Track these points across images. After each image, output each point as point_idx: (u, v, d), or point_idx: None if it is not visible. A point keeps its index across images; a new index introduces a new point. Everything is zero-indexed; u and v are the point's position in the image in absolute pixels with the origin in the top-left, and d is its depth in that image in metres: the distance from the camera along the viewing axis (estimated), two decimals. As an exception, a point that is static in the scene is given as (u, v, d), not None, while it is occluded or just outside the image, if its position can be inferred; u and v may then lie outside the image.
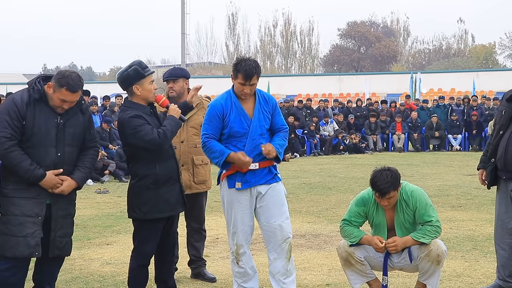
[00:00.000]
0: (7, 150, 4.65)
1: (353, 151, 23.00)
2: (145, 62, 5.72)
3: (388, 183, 5.01)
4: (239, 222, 5.22)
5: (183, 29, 45.25)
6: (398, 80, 40.57)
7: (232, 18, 67.24)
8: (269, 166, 5.24)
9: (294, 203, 11.11)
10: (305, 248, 7.63)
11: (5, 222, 4.71)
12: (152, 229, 5.17)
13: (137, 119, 5.01)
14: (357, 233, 5.25)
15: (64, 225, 4.90)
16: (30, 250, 4.71)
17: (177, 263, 6.21)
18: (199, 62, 67.00)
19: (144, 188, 5.08)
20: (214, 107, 5.22)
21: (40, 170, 4.71)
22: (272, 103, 5.32)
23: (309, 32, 68.05)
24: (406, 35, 72.45)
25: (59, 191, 4.81)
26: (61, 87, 4.72)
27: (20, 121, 4.69)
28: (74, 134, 4.90)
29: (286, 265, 5.27)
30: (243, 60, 5.13)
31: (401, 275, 6.13)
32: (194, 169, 6.02)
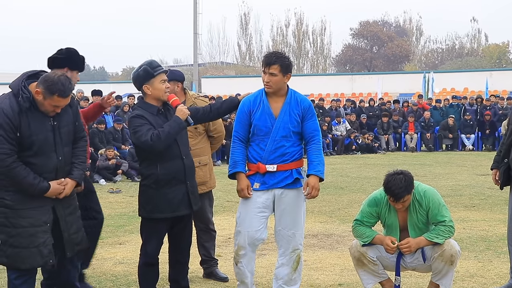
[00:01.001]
0: (9, 167, 4.49)
1: (365, 151, 22.95)
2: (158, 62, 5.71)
3: (402, 188, 4.98)
4: (247, 224, 5.18)
5: (195, 29, 45.31)
6: (411, 80, 40.41)
7: (244, 18, 67.30)
8: (292, 169, 5.17)
9: (306, 203, 11.08)
10: (317, 248, 7.62)
11: (14, 235, 4.59)
12: (155, 228, 5.18)
13: (138, 119, 5.01)
14: (370, 233, 5.24)
15: (74, 221, 4.85)
16: (44, 260, 4.66)
17: (189, 262, 6.21)
18: (211, 62, 67.02)
19: (147, 187, 5.11)
20: (243, 103, 5.26)
21: (44, 183, 4.60)
22: (304, 105, 5.21)
23: (321, 32, 67.99)
24: (419, 34, 72.23)
25: (63, 195, 4.74)
26: (53, 94, 4.52)
27: (14, 132, 4.49)
28: (68, 132, 4.79)
29: (291, 274, 5.24)
30: (269, 52, 5.21)
31: (414, 275, 6.10)
32: None
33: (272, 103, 5.18)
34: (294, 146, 5.19)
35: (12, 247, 4.59)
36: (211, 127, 6.10)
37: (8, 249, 4.60)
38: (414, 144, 23.62)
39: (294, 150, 5.18)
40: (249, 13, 67.77)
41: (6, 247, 4.61)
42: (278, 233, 5.26)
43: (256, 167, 5.18)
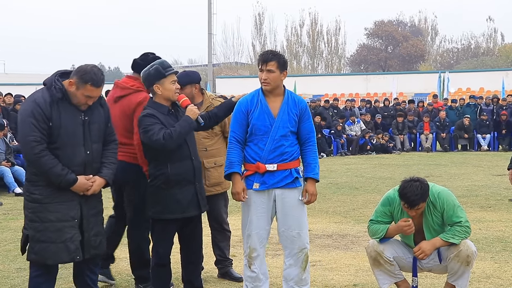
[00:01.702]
0: (38, 154, 4.53)
1: (380, 151, 22.88)
2: (171, 62, 5.73)
3: (418, 195, 4.95)
4: (254, 225, 5.16)
5: (209, 30, 45.37)
6: (426, 80, 40.24)
7: (258, 18, 67.28)
8: (290, 169, 5.16)
9: (321, 203, 11.07)
10: (332, 248, 7.60)
11: (42, 229, 4.62)
12: (164, 229, 5.18)
13: (149, 118, 5.01)
14: (383, 227, 5.22)
15: (96, 223, 4.84)
16: (71, 255, 4.68)
17: (203, 262, 6.22)
18: (226, 62, 67.12)
19: (156, 188, 5.10)
20: (240, 103, 5.22)
21: (72, 175, 4.61)
22: (302, 106, 5.21)
23: (336, 32, 67.85)
24: (434, 34, 71.89)
25: (91, 192, 4.74)
26: (85, 83, 4.59)
27: (46, 122, 4.55)
28: (98, 129, 4.81)
29: (300, 274, 5.20)
30: (265, 51, 5.20)
31: (430, 276, 6.07)
32: (205, 172, 5.95)
33: (270, 102, 5.16)
34: (292, 146, 5.16)
35: (40, 242, 4.62)
36: (227, 128, 6.09)
37: (36, 244, 4.63)
38: (429, 144, 23.51)
39: (292, 150, 5.16)
40: (263, 13, 67.81)
41: (34, 243, 4.64)
42: (282, 234, 5.21)
43: (255, 167, 5.13)
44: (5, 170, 12.93)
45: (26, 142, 4.58)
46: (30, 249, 4.68)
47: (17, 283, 6.13)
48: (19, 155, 13.94)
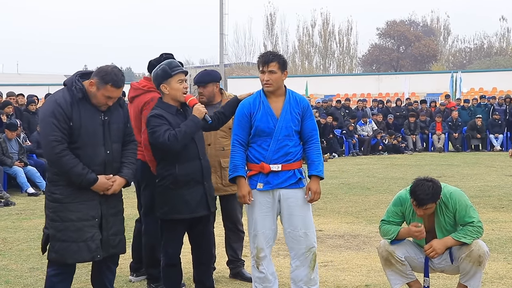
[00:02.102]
0: (59, 154, 4.55)
1: (392, 151, 22.82)
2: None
3: (428, 195, 4.95)
4: (260, 225, 5.14)
5: (221, 30, 45.41)
6: (438, 80, 40.10)
7: (270, 18, 67.26)
8: (294, 169, 5.14)
9: (333, 204, 11.06)
10: (344, 248, 7.59)
11: (62, 229, 4.64)
12: (173, 229, 5.19)
13: (156, 119, 5.02)
14: (394, 229, 5.21)
15: (115, 222, 4.85)
16: (92, 254, 4.69)
17: (215, 262, 6.23)
18: (237, 62, 67.15)
19: (164, 188, 5.10)
20: (242, 106, 5.20)
21: (92, 174, 4.63)
22: (304, 105, 5.20)
23: (348, 32, 67.69)
24: (447, 34, 71.62)
25: (111, 191, 4.75)
26: (106, 84, 4.62)
27: (67, 122, 4.58)
28: (118, 129, 4.83)
29: (309, 274, 5.17)
30: (265, 52, 5.16)
31: (442, 277, 6.05)
32: (222, 172, 5.97)
33: (272, 103, 5.14)
34: (295, 146, 5.15)
35: (60, 242, 4.64)
36: None
37: (56, 243, 4.66)
38: (441, 144, 23.43)
39: (296, 150, 5.15)
40: (275, 14, 67.78)
41: (54, 242, 4.67)
42: (288, 235, 5.19)
43: (259, 167, 5.11)
44: (18, 170, 13.00)
45: (47, 142, 4.61)
46: (51, 248, 4.70)
47: (30, 283, 6.17)
48: (32, 155, 14.02)
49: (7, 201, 11.63)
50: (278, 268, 6.26)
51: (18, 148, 13.47)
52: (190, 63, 70.40)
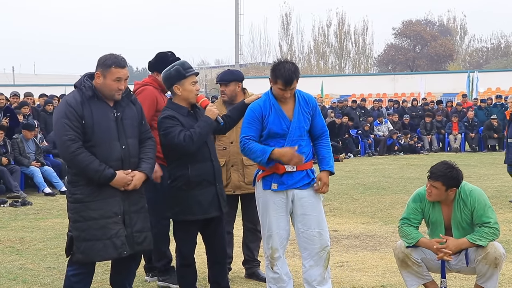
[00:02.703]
0: (73, 153, 4.57)
1: (408, 152, 22.73)
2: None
3: (440, 173, 4.98)
4: (274, 225, 5.13)
5: (237, 30, 45.49)
6: (455, 80, 39.92)
7: (285, 18, 67.21)
8: (307, 170, 5.14)
9: (348, 204, 11.04)
10: (359, 249, 7.57)
11: (86, 228, 4.64)
12: (186, 230, 5.19)
13: (169, 120, 5.01)
14: (415, 235, 5.15)
15: (139, 219, 4.82)
16: (118, 251, 4.69)
17: (231, 263, 6.23)
18: (253, 62, 67.17)
19: (177, 189, 5.10)
20: (252, 110, 5.15)
21: (110, 170, 4.64)
22: (312, 103, 5.20)
23: (363, 32, 67.52)
24: (463, 33, 71.22)
25: (132, 187, 4.74)
26: (110, 67, 4.67)
27: (79, 121, 4.61)
28: (132, 125, 4.84)
29: (323, 273, 5.16)
30: (281, 64, 5.03)
31: (459, 278, 6.02)
32: (244, 170, 6.00)
33: (283, 105, 5.12)
34: (307, 146, 5.16)
35: (86, 241, 4.65)
36: None
37: (82, 244, 4.66)
38: (458, 144, 23.31)
39: (308, 150, 5.15)
40: (290, 14, 67.73)
41: (79, 242, 4.67)
42: (301, 235, 5.17)
43: (273, 167, 5.09)
44: (35, 170, 13.08)
45: (61, 142, 4.64)
46: (76, 249, 4.69)
47: (47, 282, 6.20)
48: (48, 155, 14.11)
49: (24, 201, 11.71)
50: (294, 268, 6.26)
51: (35, 148, 13.55)
52: (205, 64, 70.53)
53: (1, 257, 7.32)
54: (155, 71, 5.97)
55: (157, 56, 6.01)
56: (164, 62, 5.78)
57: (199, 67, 65.91)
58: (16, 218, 10.21)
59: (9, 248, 7.81)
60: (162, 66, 5.70)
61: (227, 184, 5.96)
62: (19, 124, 13.86)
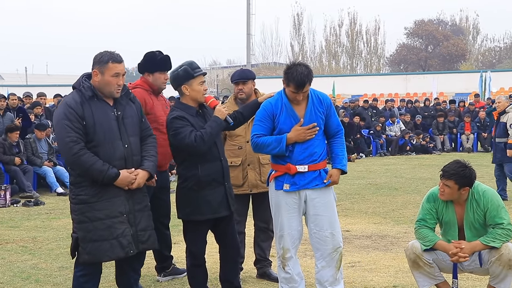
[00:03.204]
0: (76, 154, 4.56)
1: (420, 152, 22.65)
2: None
3: (453, 171, 4.98)
4: (286, 225, 5.13)
5: (248, 30, 45.49)
6: (467, 79, 39.71)
7: (297, 18, 67.08)
8: (320, 170, 5.12)
9: (360, 204, 11.02)
10: (371, 249, 7.55)
11: (92, 229, 4.64)
12: (196, 230, 5.20)
13: (179, 121, 5.01)
14: (432, 237, 5.12)
15: (143, 218, 4.84)
16: (125, 250, 4.70)
17: (243, 263, 6.23)
18: (264, 62, 67.12)
19: (187, 189, 5.10)
20: (264, 108, 5.15)
21: (113, 169, 4.64)
22: (327, 103, 5.17)
23: (375, 32, 67.29)
24: (476, 33, 70.83)
25: (135, 185, 4.75)
26: (106, 63, 4.66)
27: (80, 122, 4.60)
28: (132, 123, 4.84)
29: (335, 274, 5.15)
30: (294, 67, 5.01)
31: (471, 278, 6.00)
32: (260, 168, 6.01)
33: (294, 105, 5.10)
34: (321, 146, 5.14)
35: (92, 242, 4.64)
36: None
37: (88, 245, 4.66)
38: (470, 144, 23.21)
39: (321, 150, 5.13)
40: (302, 13, 67.54)
41: (85, 243, 4.67)
42: (314, 236, 5.16)
43: (285, 168, 5.09)
44: (47, 170, 13.14)
45: (63, 144, 4.63)
46: (82, 250, 4.69)
47: (59, 281, 6.23)
48: (61, 155, 14.16)
49: (37, 201, 11.77)
50: (306, 268, 6.26)
51: (47, 148, 13.62)
52: (217, 64, 70.58)
53: (14, 256, 7.36)
54: (145, 72, 5.92)
55: (146, 56, 5.95)
56: (153, 61, 5.84)
57: (211, 67, 65.99)
58: (29, 217, 10.27)
59: (22, 248, 7.85)
60: (151, 66, 5.82)
61: (244, 183, 5.97)
62: (31, 124, 13.93)
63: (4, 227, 9.43)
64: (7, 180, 12.60)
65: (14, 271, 6.65)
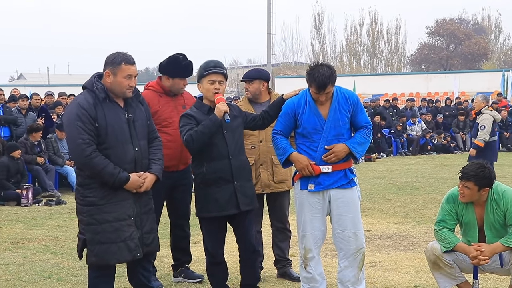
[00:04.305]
0: (89, 156, 4.54)
1: (441, 151, 22.51)
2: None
3: (472, 173, 4.93)
4: (309, 225, 5.12)
5: (269, 30, 45.42)
6: (489, 79, 39.39)
7: (318, 17, 66.96)
8: (345, 169, 5.09)
9: (381, 204, 10.98)
10: (392, 249, 7.52)
11: (100, 231, 4.64)
12: (208, 227, 5.24)
13: (185, 119, 5.13)
14: (452, 239, 5.08)
15: (148, 220, 4.84)
16: (132, 253, 4.70)
17: (263, 262, 6.23)
18: (285, 62, 67.07)
19: (197, 187, 5.20)
20: (287, 105, 5.17)
21: (124, 173, 4.62)
22: (353, 101, 5.12)
23: (396, 31, 67.00)
24: (498, 32, 70.27)
25: (144, 189, 4.75)
26: (119, 64, 4.63)
27: (92, 123, 4.56)
28: (142, 126, 4.83)
29: (357, 274, 5.13)
30: (316, 68, 4.98)
31: (493, 278, 5.95)
32: (273, 168, 6.00)
33: (318, 104, 5.07)
34: None
35: (100, 244, 4.64)
36: None
37: (95, 247, 4.65)
38: (492, 144, 22.99)
39: None
40: (322, 13, 67.42)
41: (93, 245, 4.66)
42: (337, 236, 5.14)
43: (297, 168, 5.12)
44: (69, 170, 13.23)
45: (75, 145, 4.59)
46: (89, 252, 4.69)
47: (81, 281, 6.27)
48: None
49: (59, 200, 11.86)
50: (326, 268, 6.24)
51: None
52: (237, 63, 70.64)
53: (36, 255, 7.42)
54: (165, 74, 5.87)
55: (169, 59, 5.85)
56: (175, 66, 5.80)
57: (231, 66, 66.02)
58: (51, 217, 10.35)
59: (44, 247, 7.92)
60: (173, 70, 5.79)
61: (256, 183, 5.96)
62: (53, 124, 14.04)
63: (26, 226, 9.51)
64: (30, 180, 12.71)
65: (36, 269, 6.71)
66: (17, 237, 8.59)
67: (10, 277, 6.40)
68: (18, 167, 12.17)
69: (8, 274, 6.52)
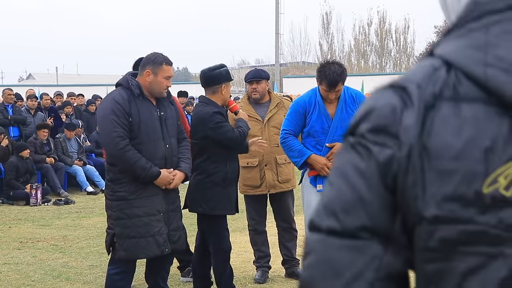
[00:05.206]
0: (123, 149, 4.61)
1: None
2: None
3: None
4: None
5: (277, 29, 45.39)
6: (498, 78, 39.27)
7: (326, 17, 66.82)
8: None
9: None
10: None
11: (130, 225, 4.68)
12: (221, 224, 5.29)
13: (220, 116, 5.14)
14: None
15: (175, 218, 4.89)
16: (160, 248, 4.74)
17: (270, 261, 6.23)
18: (293, 61, 67.03)
19: (213, 184, 5.16)
20: (297, 104, 5.19)
21: (155, 168, 4.68)
22: (360, 101, 5.14)
23: (405, 30, 66.82)
24: (506, 31, 70.10)
25: (173, 185, 4.81)
26: (161, 65, 4.73)
27: (127, 118, 4.65)
28: (173, 125, 4.91)
29: None
30: (327, 66, 5.02)
31: None
32: (277, 169, 6.01)
33: (327, 103, 5.10)
34: None
35: (129, 238, 4.68)
36: None
37: (125, 241, 4.70)
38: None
39: None
40: (331, 12, 67.18)
41: (122, 240, 4.71)
42: None
43: (315, 169, 5.13)
44: (77, 169, 13.26)
45: (110, 139, 4.67)
46: (119, 246, 4.73)
47: (90, 280, 6.28)
48: (91, 155, 14.29)
49: (67, 200, 11.89)
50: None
51: (77, 147, 13.74)
52: (246, 63, 70.64)
53: (45, 255, 7.45)
54: None
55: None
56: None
57: (239, 66, 66.01)
58: (60, 216, 10.37)
59: (53, 246, 7.94)
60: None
61: (261, 184, 5.98)
62: (62, 124, 14.07)
63: (35, 225, 9.54)
64: (39, 179, 12.74)
65: (45, 269, 6.73)
66: (26, 236, 8.62)
67: (19, 276, 6.43)
68: (27, 167, 12.20)
69: (17, 273, 6.55)
